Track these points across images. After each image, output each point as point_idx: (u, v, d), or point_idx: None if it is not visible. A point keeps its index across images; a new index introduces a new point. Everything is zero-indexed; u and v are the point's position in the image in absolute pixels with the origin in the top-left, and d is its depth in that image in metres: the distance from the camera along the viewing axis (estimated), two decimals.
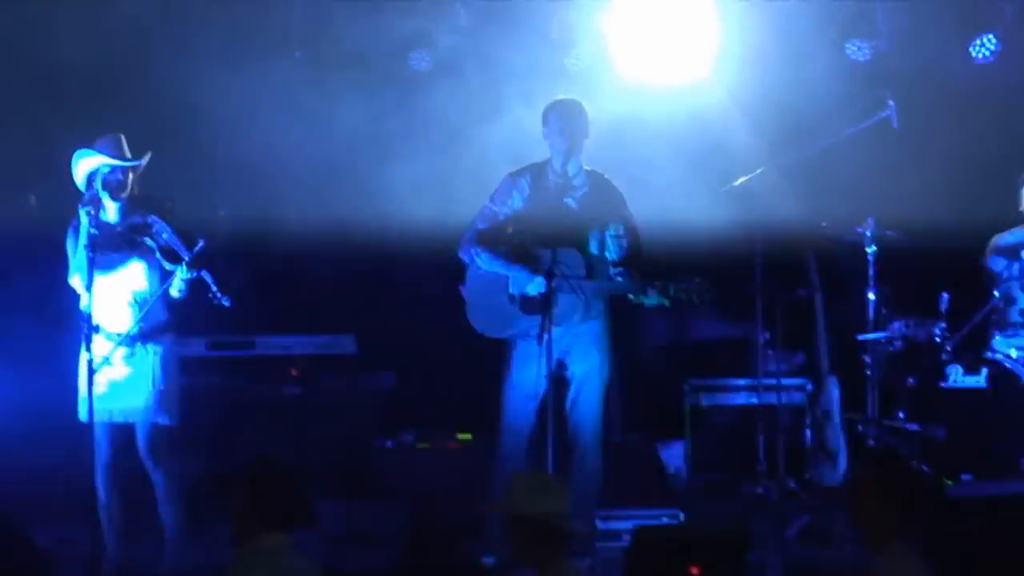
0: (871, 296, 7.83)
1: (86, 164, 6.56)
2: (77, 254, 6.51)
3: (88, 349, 6.25)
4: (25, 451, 7.57)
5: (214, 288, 6.47)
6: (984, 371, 7.73)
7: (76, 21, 8.08)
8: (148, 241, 6.59)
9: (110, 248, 6.56)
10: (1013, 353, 7.78)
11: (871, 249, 7.79)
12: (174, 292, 6.51)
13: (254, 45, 8.34)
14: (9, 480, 7.31)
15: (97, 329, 6.38)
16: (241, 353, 7.98)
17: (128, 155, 6.59)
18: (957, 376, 7.74)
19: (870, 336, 7.81)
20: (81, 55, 8.03)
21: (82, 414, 6.47)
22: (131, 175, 6.60)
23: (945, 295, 7.70)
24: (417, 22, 8.30)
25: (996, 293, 7.80)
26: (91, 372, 6.29)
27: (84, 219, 6.42)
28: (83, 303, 6.47)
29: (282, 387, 8.00)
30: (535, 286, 6.58)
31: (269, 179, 8.57)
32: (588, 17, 8.24)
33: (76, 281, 6.51)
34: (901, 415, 7.66)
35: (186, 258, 6.45)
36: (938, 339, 7.71)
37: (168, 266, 6.55)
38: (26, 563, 6.05)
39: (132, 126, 6.85)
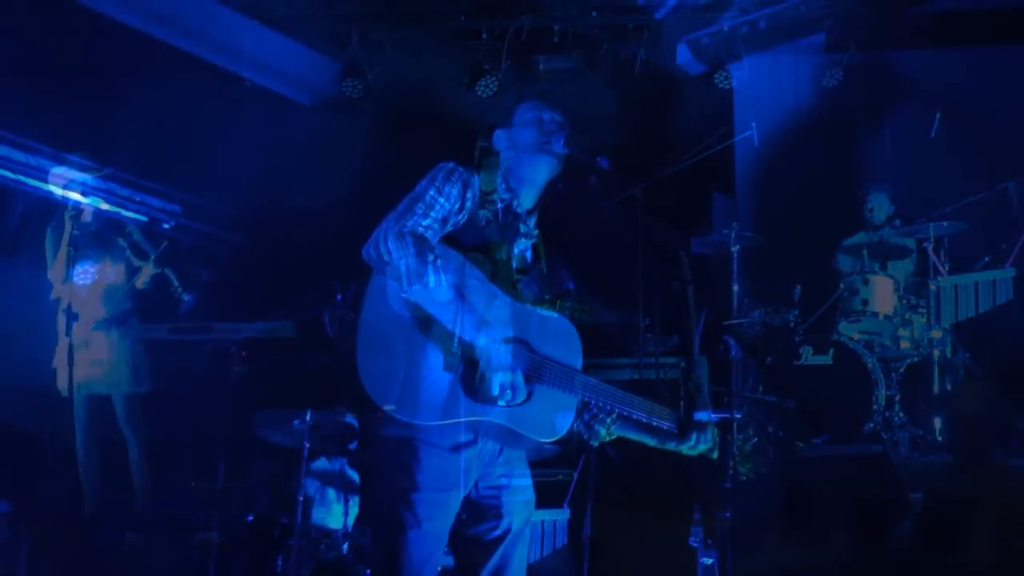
0: (735, 288, 8.46)
1: (65, 173, 6.79)
2: (58, 252, 6.75)
3: (68, 334, 6.49)
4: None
5: (176, 283, 6.92)
6: (831, 351, 8.13)
7: None
8: (120, 240, 6.96)
9: (87, 247, 6.88)
10: (855, 336, 8.31)
11: (735, 248, 8.42)
12: (139, 284, 6.92)
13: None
14: None
15: (77, 317, 6.65)
16: (200, 337, 7.99)
17: (102, 167, 6.87)
18: (808, 355, 8.16)
19: (734, 321, 8.40)
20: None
21: (63, 389, 6.77)
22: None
23: (798, 287, 8.37)
24: None
25: (842, 285, 8.33)
26: (71, 353, 6.51)
27: (67, 222, 6.70)
28: (58, 294, 6.70)
29: (232, 365, 7.80)
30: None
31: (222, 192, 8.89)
32: None
33: (56, 275, 6.77)
34: (760, 388, 8.25)
35: (152, 255, 6.91)
36: (792, 324, 8.36)
37: (136, 262, 6.94)
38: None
39: (117, 132, 7.13)
